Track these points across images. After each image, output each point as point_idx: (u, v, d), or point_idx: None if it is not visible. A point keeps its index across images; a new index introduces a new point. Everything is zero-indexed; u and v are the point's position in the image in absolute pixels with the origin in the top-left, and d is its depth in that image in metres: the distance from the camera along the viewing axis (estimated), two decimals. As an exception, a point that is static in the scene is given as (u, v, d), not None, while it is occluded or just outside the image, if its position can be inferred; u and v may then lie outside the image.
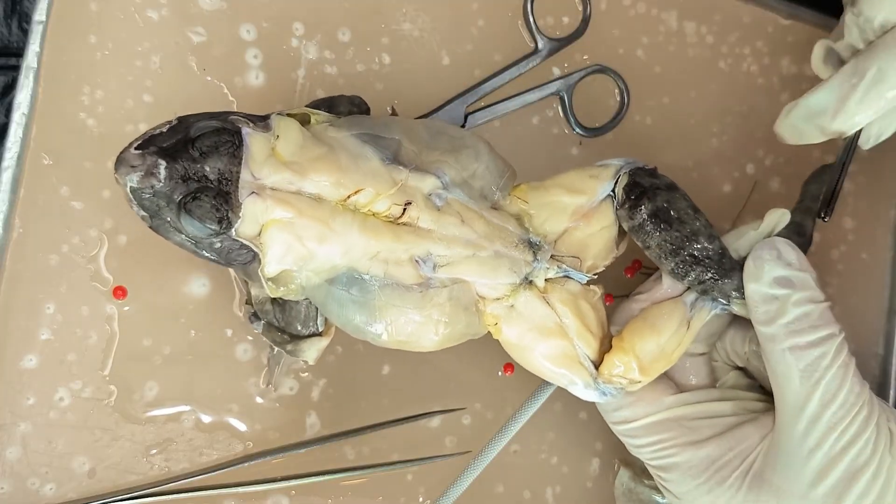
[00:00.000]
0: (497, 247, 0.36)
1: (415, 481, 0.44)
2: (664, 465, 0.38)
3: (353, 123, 0.36)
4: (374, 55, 0.44)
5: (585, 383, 0.38)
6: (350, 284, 0.34)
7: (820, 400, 0.35)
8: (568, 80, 0.45)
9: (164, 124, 0.33)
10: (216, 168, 0.32)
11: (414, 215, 0.35)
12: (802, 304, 0.35)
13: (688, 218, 0.37)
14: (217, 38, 0.41)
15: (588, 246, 0.38)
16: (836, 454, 0.35)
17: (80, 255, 0.39)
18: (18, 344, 0.39)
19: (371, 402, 0.43)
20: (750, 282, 0.36)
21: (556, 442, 0.46)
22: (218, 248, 0.33)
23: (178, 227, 0.33)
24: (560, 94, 0.45)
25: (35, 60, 0.39)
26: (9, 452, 0.38)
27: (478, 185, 0.37)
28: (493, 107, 0.44)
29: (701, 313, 0.38)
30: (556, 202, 0.38)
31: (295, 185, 0.33)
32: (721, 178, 0.50)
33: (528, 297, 0.37)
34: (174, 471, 0.40)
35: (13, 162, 0.39)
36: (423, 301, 0.35)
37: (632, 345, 0.37)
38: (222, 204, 0.32)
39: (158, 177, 0.31)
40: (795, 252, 0.37)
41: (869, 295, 0.52)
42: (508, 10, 0.46)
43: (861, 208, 0.52)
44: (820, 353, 0.35)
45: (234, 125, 0.33)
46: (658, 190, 0.38)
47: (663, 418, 0.38)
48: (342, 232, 0.33)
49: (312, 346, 0.38)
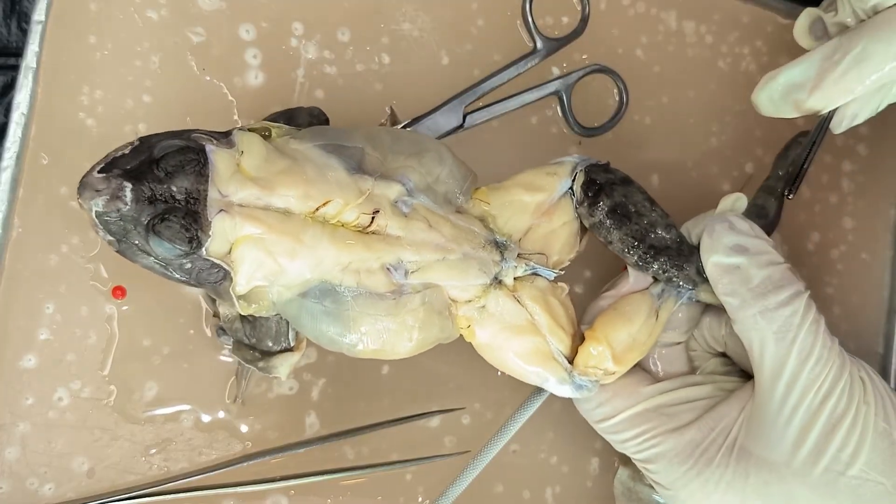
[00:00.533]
0: (465, 249, 0.36)
1: (414, 481, 0.44)
2: (650, 456, 0.38)
3: (316, 134, 0.36)
4: (373, 55, 0.44)
5: (560, 379, 0.38)
6: (323, 296, 0.34)
7: (797, 357, 0.35)
8: (567, 79, 0.45)
9: (125, 146, 0.32)
10: (183, 187, 0.32)
11: (382, 223, 0.35)
12: (763, 267, 0.36)
13: (644, 210, 0.38)
14: (216, 38, 0.41)
15: (551, 242, 0.39)
16: (815, 409, 0.35)
17: (79, 254, 0.39)
18: (18, 344, 0.39)
19: (370, 402, 0.43)
20: (708, 255, 0.37)
21: (556, 441, 0.46)
22: (188, 268, 0.33)
23: (147, 250, 0.32)
24: (559, 94, 0.45)
25: (34, 60, 0.39)
26: (8, 452, 0.38)
27: (441, 189, 0.37)
28: (491, 106, 0.44)
29: (668, 303, 0.39)
30: (516, 201, 0.38)
31: (263, 200, 0.33)
32: (720, 178, 0.50)
33: (498, 296, 0.37)
34: (173, 471, 0.40)
35: (12, 162, 0.39)
36: (398, 308, 0.35)
37: (605, 334, 0.38)
38: (191, 223, 0.31)
39: (124, 199, 0.31)
40: (747, 222, 0.37)
41: (869, 295, 0.52)
42: (508, 10, 0.46)
43: (861, 208, 0.52)
44: (790, 311, 0.36)
45: (197, 143, 0.32)
46: (614, 185, 0.38)
47: (642, 409, 0.39)
48: (312, 245, 0.33)
49: (284, 361, 0.37)
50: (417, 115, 0.43)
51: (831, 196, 0.52)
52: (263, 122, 0.36)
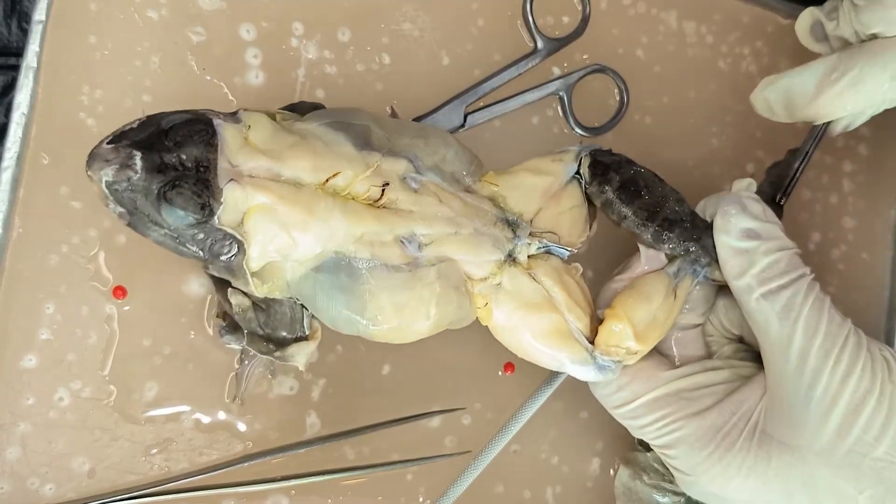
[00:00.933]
0: (476, 225, 0.36)
1: (415, 481, 0.44)
2: (669, 441, 0.38)
3: (321, 115, 0.36)
4: (373, 55, 0.44)
5: (581, 359, 0.38)
6: (337, 270, 0.34)
7: (804, 334, 0.35)
8: (567, 79, 0.45)
9: (133, 121, 0.32)
10: (193, 156, 0.32)
11: (393, 196, 0.35)
12: (771, 253, 0.36)
13: (654, 185, 0.39)
14: (217, 37, 0.41)
15: (561, 224, 0.39)
16: (836, 388, 0.35)
17: (79, 254, 0.39)
18: (18, 344, 0.39)
19: (371, 402, 0.43)
20: (720, 236, 0.37)
21: (557, 441, 0.46)
22: (201, 239, 0.33)
23: (158, 221, 0.32)
24: (560, 94, 0.45)
25: (35, 60, 0.39)
26: (8, 452, 0.38)
27: (449, 169, 0.37)
28: (492, 107, 0.44)
29: (685, 282, 0.39)
30: (525, 183, 0.38)
31: (273, 170, 0.33)
32: (721, 178, 0.50)
33: (513, 273, 0.37)
34: (174, 471, 0.40)
35: (13, 162, 0.39)
36: (413, 280, 0.35)
37: (625, 312, 0.37)
38: (203, 190, 0.32)
39: (135, 168, 0.31)
40: (760, 205, 0.37)
41: (869, 295, 0.52)
42: (508, 10, 0.46)
43: (861, 208, 0.52)
44: (792, 292, 0.36)
45: (205, 116, 0.33)
46: (621, 164, 0.39)
47: (663, 393, 0.38)
48: (324, 216, 0.33)
49: (300, 350, 0.37)
50: (418, 115, 0.43)
51: (832, 196, 0.52)
52: (268, 109, 0.36)
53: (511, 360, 0.45)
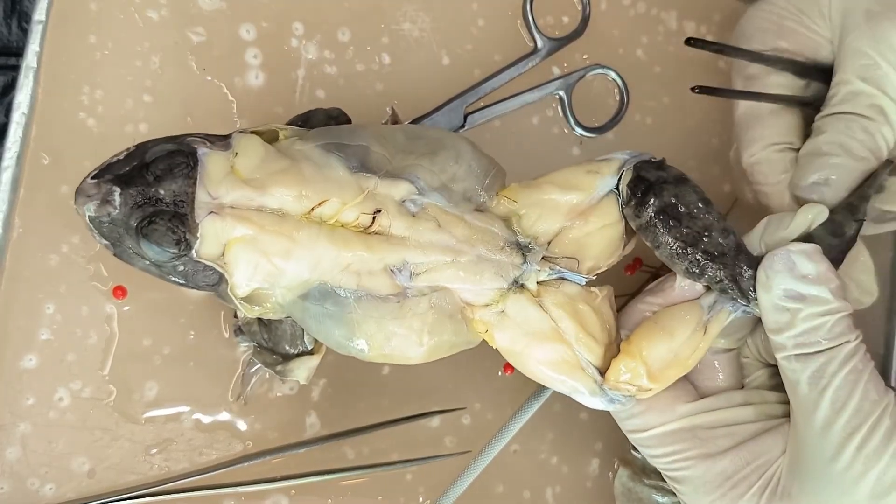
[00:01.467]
0: (480, 251, 0.35)
1: (414, 481, 0.44)
2: (678, 477, 0.37)
3: (320, 134, 0.35)
4: (373, 55, 0.44)
5: (591, 390, 0.36)
6: (323, 299, 0.34)
7: (831, 406, 0.33)
8: (568, 79, 0.45)
9: (121, 152, 0.33)
10: (171, 190, 0.32)
11: (385, 223, 0.34)
12: (812, 319, 0.34)
13: (698, 212, 0.36)
14: (217, 37, 0.41)
15: (586, 246, 0.36)
16: (860, 470, 0.33)
17: (79, 254, 0.39)
18: (18, 344, 0.39)
19: (371, 402, 0.43)
20: (761, 291, 0.35)
21: (556, 442, 0.46)
22: (182, 270, 0.33)
23: (140, 253, 0.33)
24: (560, 94, 0.45)
25: (35, 60, 0.39)
26: (8, 452, 0.38)
27: (459, 187, 0.35)
28: (492, 107, 0.44)
29: (720, 316, 0.36)
30: (547, 200, 0.36)
31: (255, 201, 0.33)
32: (721, 178, 0.50)
33: (518, 301, 0.35)
34: (174, 471, 0.40)
35: (13, 161, 0.39)
36: (402, 311, 0.34)
37: (639, 349, 0.35)
38: (178, 226, 0.32)
39: (114, 203, 0.32)
40: (813, 262, 0.34)
41: (869, 295, 0.52)
42: (508, 10, 0.46)
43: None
44: (826, 358, 0.33)
45: (189, 146, 0.33)
46: (665, 184, 0.36)
47: (676, 428, 0.37)
48: (308, 245, 0.33)
49: (303, 364, 0.37)
50: (418, 115, 0.43)
51: (832, 196, 0.52)
52: (272, 125, 0.36)
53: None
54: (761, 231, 0.36)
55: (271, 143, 0.35)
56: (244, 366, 0.41)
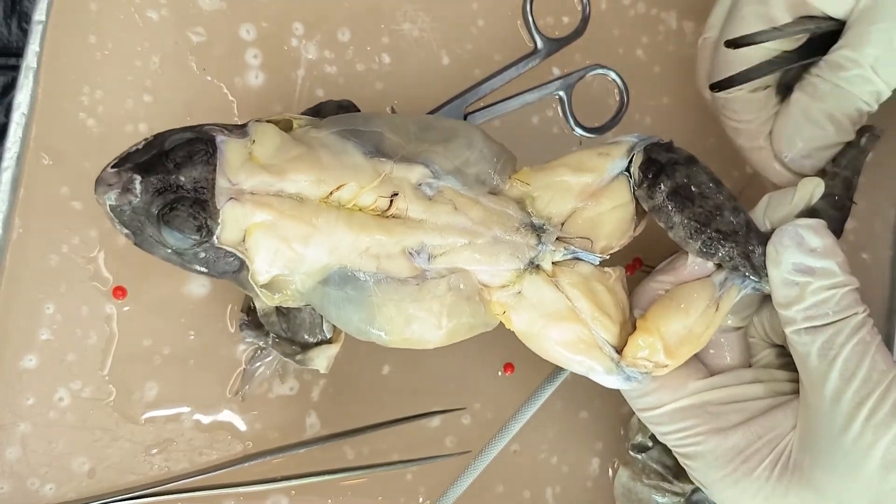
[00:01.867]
0: (495, 232, 0.35)
1: (414, 481, 0.44)
2: (689, 453, 0.37)
3: (334, 122, 0.36)
4: (373, 55, 0.44)
5: (607, 369, 0.36)
6: (344, 283, 0.34)
7: (840, 376, 0.34)
8: (567, 79, 0.45)
9: (140, 142, 0.33)
10: (191, 177, 0.32)
11: (402, 206, 0.34)
12: (821, 292, 0.34)
13: (710, 192, 0.36)
14: (217, 38, 0.41)
15: (598, 225, 0.37)
16: (870, 439, 0.33)
17: (79, 255, 0.39)
18: (18, 344, 0.39)
19: (371, 402, 0.43)
20: (771, 266, 0.35)
21: (557, 441, 0.46)
22: (203, 258, 0.33)
23: (161, 241, 0.33)
24: (560, 94, 0.45)
25: (35, 60, 0.39)
26: (8, 452, 0.38)
27: (472, 171, 0.36)
28: (492, 107, 0.44)
29: (731, 293, 0.37)
30: (559, 182, 0.37)
31: (274, 186, 0.33)
32: (721, 177, 0.49)
33: (534, 281, 0.36)
34: (174, 471, 0.40)
35: (13, 162, 0.39)
36: (421, 293, 0.34)
37: (657, 325, 0.36)
38: (199, 212, 0.32)
39: (135, 192, 0.32)
40: (820, 237, 0.35)
41: (869, 295, 0.52)
42: (508, 10, 0.46)
43: (861, 208, 0.52)
44: (835, 330, 0.34)
45: (207, 134, 0.33)
46: (676, 165, 0.36)
47: (688, 404, 0.37)
48: (327, 229, 0.33)
49: (322, 353, 0.37)
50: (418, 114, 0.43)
51: (831, 196, 0.52)
52: (286, 115, 0.36)
53: (511, 361, 0.45)
54: (763, 208, 0.37)
55: (286, 132, 0.35)
56: (246, 363, 0.41)
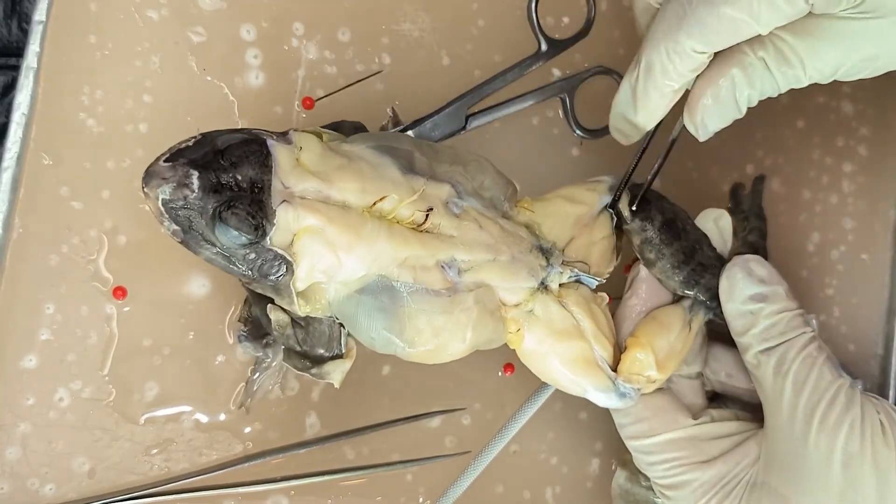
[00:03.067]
0: (513, 251, 0.37)
1: (415, 481, 0.44)
2: (673, 483, 0.39)
3: (366, 137, 0.36)
4: (373, 55, 0.44)
5: (605, 387, 0.38)
6: (380, 293, 0.34)
7: (792, 388, 0.36)
8: (570, 81, 0.45)
9: (188, 139, 0.33)
10: (248, 176, 0.32)
11: (436, 221, 0.35)
12: (773, 316, 0.38)
13: (691, 227, 0.40)
14: (217, 38, 0.41)
15: (591, 254, 0.39)
16: (826, 446, 0.35)
17: (79, 255, 0.39)
18: (18, 344, 0.39)
19: (371, 403, 0.43)
20: (726, 300, 0.39)
21: (556, 442, 0.46)
22: (252, 259, 0.33)
23: (211, 240, 0.32)
24: (562, 96, 0.45)
25: (35, 60, 0.39)
26: (8, 453, 0.39)
27: (487, 195, 0.37)
28: (493, 109, 0.44)
29: (698, 316, 0.40)
30: (560, 211, 0.39)
31: (322, 192, 0.33)
32: (720, 178, 0.49)
33: (545, 301, 0.38)
34: (174, 471, 0.40)
35: (13, 162, 0.39)
36: (452, 305, 0.35)
37: (648, 340, 0.38)
38: (257, 211, 0.32)
39: (192, 187, 0.31)
40: (765, 268, 0.39)
41: (869, 295, 0.52)
42: (509, 10, 0.45)
43: (861, 209, 0.52)
44: (786, 348, 0.37)
45: (259, 137, 0.33)
46: (662, 202, 0.39)
47: (679, 437, 0.39)
48: (370, 239, 0.34)
49: (336, 367, 0.37)
50: (419, 116, 0.43)
51: (831, 196, 0.52)
52: (316, 128, 0.36)
53: (511, 361, 0.45)
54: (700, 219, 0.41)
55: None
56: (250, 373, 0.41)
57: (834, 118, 0.51)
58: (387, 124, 0.43)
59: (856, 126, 0.52)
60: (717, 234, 0.41)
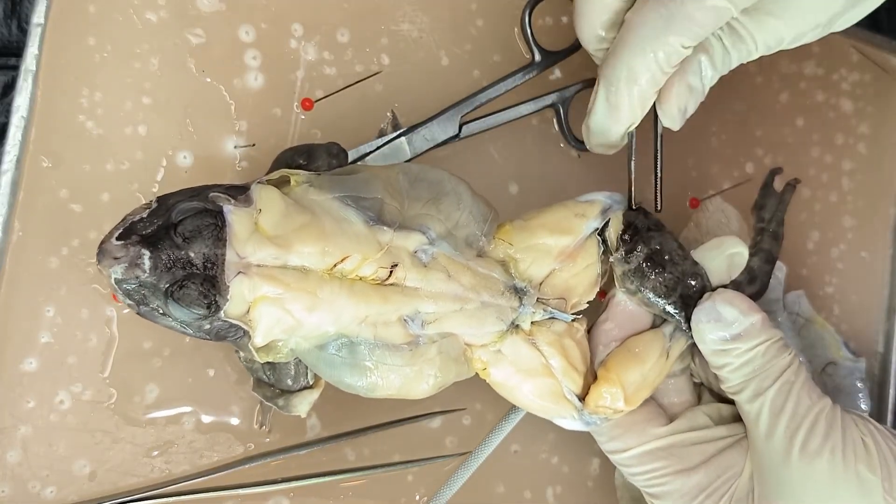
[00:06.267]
0: (484, 297, 0.36)
1: (415, 482, 0.44)
2: (657, 493, 0.39)
3: (335, 184, 0.35)
4: (372, 56, 0.44)
5: (570, 416, 0.38)
6: (339, 349, 0.34)
7: (770, 413, 0.37)
8: (564, 92, 0.45)
9: (143, 208, 0.32)
10: (201, 253, 0.32)
11: (401, 276, 0.35)
12: (746, 353, 0.37)
13: (678, 259, 0.39)
14: (216, 39, 0.41)
15: (573, 286, 0.39)
16: (805, 469, 0.36)
17: (79, 257, 0.39)
18: (18, 347, 0.39)
19: (371, 403, 0.43)
20: (698, 342, 0.38)
21: (557, 442, 0.46)
22: (208, 328, 0.33)
23: (167, 313, 0.32)
24: (556, 106, 0.45)
25: (34, 63, 0.39)
26: (9, 456, 0.38)
27: (462, 234, 0.37)
28: (488, 117, 0.44)
29: (678, 343, 0.40)
30: (540, 245, 0.38)
31: (280, 259, 0.33)
32: (720, 178, 0.50)
33: (514, 341, 0.37)
34: (175, 473, 0.40)
35: (12, 165, 0.39)
36: (414, 358, 0.35)
37: (618, 375, 0.38)
38: (209, 289, 0.32)
39: (143, 267, 0.31)
40: (735, 307, 0.38)
41: (869, 294, 0.52)
42: (508, 11, 0.45)
43: (861, 207, 0.52)
44: (761, 377, 0.37)
45: (215, 205, 0.32)
46: (651, 231, 0.38)
47: (654, 447, 0.39)
48: (330, 300, 0.33)
49: (303, 399, 0.37)
50: (415, 122, 0.43)
51: (831, 195, 0.52)
52: (283, 171, 0.35)
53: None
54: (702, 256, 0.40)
55: (281, 187, 0.35)
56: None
57: (833, 116, 0.51)
58: (386, 126, 0.43)
59: (855, 124, 0.52)
60: (725, 268, 0.40)
